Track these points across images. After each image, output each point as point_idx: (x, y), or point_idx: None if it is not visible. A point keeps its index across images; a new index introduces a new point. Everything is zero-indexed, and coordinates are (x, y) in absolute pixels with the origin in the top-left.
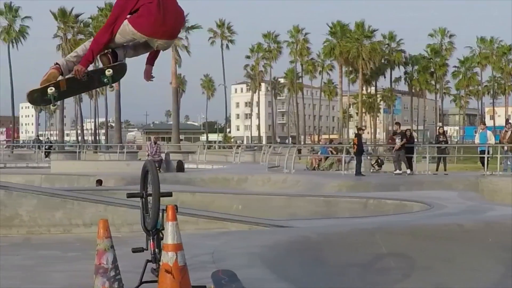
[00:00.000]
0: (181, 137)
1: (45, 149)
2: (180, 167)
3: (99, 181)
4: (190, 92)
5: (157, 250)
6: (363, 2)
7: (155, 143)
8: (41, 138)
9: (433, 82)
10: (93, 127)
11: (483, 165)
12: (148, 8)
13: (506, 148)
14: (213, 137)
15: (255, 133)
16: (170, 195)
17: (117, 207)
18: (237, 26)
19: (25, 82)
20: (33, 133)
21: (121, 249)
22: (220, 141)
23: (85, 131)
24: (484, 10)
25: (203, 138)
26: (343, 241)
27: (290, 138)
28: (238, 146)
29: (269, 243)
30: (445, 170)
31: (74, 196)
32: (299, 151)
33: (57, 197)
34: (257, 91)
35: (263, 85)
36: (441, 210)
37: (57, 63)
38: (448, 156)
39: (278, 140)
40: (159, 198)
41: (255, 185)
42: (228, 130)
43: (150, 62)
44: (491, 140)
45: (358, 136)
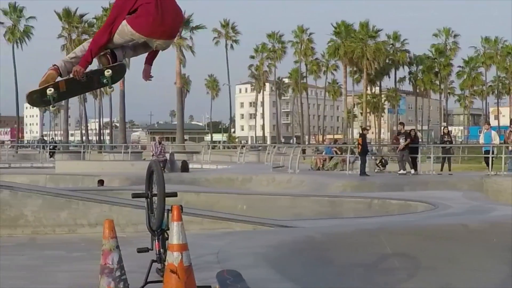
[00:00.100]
0: (185, 137)
1: (50, 149)
2: (185, 167)
3: (100, 181)
4: (195, 92)
5: (162, 250)
6: (367, 2)
7: (159, 143)
8: (45, 138)
9: (437, 82)
10: (97, 127)
11: (487, 165)
12: (146, 8)
13: (510, 148)
14: (217, 137)
15: (259, 133)
16: (175, 195)
17: (122, 207)
18: (241, 26)
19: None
20: (37, 133)
21: (126, 249)
22: (224, 141)
23: (89, 131)
24: (488, 10)
25: (207, 138)
26: (347, 241)
27: (295, 138)
28: (243, 146)
29: (273, 243)
30: (449, 170)
31: (79, 196)
32: (304, 151)
33: (62, 197)
34: (261, 91)
35: (267, 85)
36: (446, 210)
37: (55, 65)
38: (453, 156)
39: (283, 140)
40: (164, 198)
41: (259, 185)
42: (232, 130)
43: (149, 62)
44: (496, 140)
45: (362, 136)
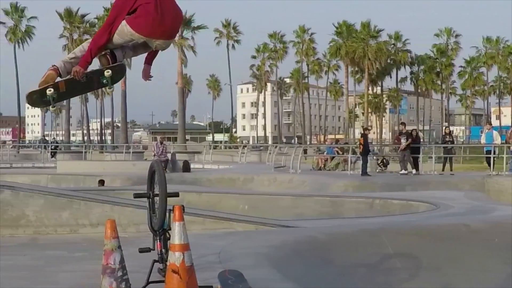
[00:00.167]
0: (187, 137)
1: (51, 149)
2: (186, 167)
3: (101, 181)
4: (196, 92)
5: (164, 250)
6: (369, 2)
7: (161, 143)
8: (47, 138)
9: (439, 82)
10: (99, 127)
11: (489, 165)
12: (146, 8)
13: None
14: (219, 137)
15: (261, 133)
16: (177, 195)
17: (123, 207)
18: (243, 26)
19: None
20: (39, 133)
21: (127, 249)
22: (226, 141)
23: (91, 131)
24: (490, 10)
25: (209, 138)
26: (349, 241)
27: (296, 138)
28: (244, 146)
29: (275, 243)
30: (451, 170)
31: (80, 196)
32: (305, 151)
33: (64, 197)
34: (263, 91)
35: (269, 85)
36: (447, 210)
37: (54, 65)
38: (454, 156)
39: (284, 140)
40: (166, 199)
41: (261, 185)
42: (234, 130)
43: (149, 61)
44: (497, 140)
45: (364, 136)
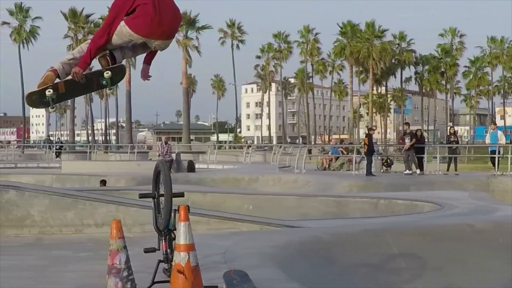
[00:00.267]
0: (191, 137)
1: (56, 149)
2: (191, 167)
3: (103, 181)
4: (201, 92)
5: (169, 251)
6: (373, 2)
7: (166, 143)
8: (51, 138)
9: (443, 82)
10: (103, 127)
11: (493, 165)
12: (144, 9)
13: None
14: (223, 137)
15: (265, 133)
16: (182, 195)
17: (128, 207)
18: (247, 26)
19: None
20: (43, 133)
21: (132, 249)
22: (230, 141)
23: (95, 131)
24: (494, 10)
25: (213, 138)
26: (354, 241)
27: (301, 138)
28: (249, 146)
29: (280, 243)
30: (455, 170)
31: (85, 197)
32: (310, 151)
33: (69, 197)
34: (267, 91)
35: (273, 85)
36: (452, 210)
37: (53, 67)
38: (459, 156)
39: (289, 140)
40: (172, 199)
41: (265, 185)
42: (238, 130)
43: (148, 61)
44: (502, 140)
45: (368, 136)
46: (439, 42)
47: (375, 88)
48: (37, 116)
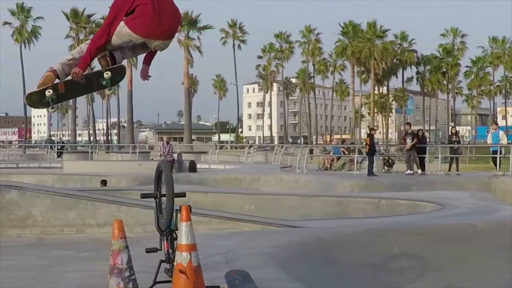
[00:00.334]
0: (193, 137)
1: (58, 149)
2: (193, 167)
3: (103, 182)
4: (202, 92)
5: (170, 251)
6: (375, 2)
7: (167, 143)
8: (53, 138)
9: (445, 82)
10: (105, 127)
11: (495, 165)
12: (144, 9)
13: None
14: (225, 137)
15: (267, 133)
16: (184, 195)
17: (130, 207)
18: (249, 26)
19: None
20: (45, 133)
21: (134, 249)
22: (232, 141)
23: (97, 131)
24: (496, 10)
25: (215, 138)
26: (355, 242)
27: (302, 138)
28: (250, 146)
29: (281, 243)
30: (457, 170)
31: (87, 197)
32: (311, 151)
33: (70, 197)
34: (269, 91)
35: (275, 85)
36: (454, 210)
37: (52, 67)
38: (461, 156)
39: (290, 140)
40: (173, 199)
41: (267, 185)
42: (240, 130)
43: (147, 61)
44: (504, 140)
45: (370, 136)
46: (440, 42)
47: (376, 88)
48: (39, 116)
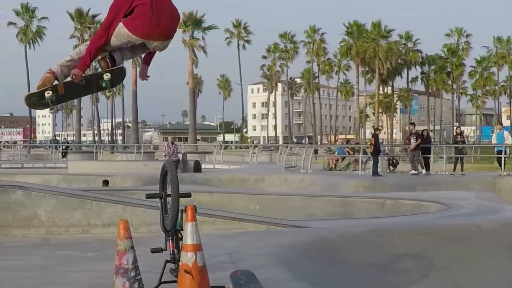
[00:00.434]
0: (197, 137)
1: (62, 149)
2: (197, 167)
3: (105, 182)
4: (207, 93)
5: (176, 251)
6: (379, 2)
7: (172, 143)
8: (58, 138)
9: (449, 82)
10: (110, 128)
11: (500, 165)
12: (142, 10)
13: None
14: (229, 137)
15: (271, 133)
16: (189, 195)
17: (135, 208)
18: (253, 26)
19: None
20: (50, 133)
21: (139, 249)
22: (236, 141)
23: (102, 132)
24: (500, 10)
25: (219, 138)
26: (360, 242)
27: (307, 138)
28: (255, 146)
29: (287, 243)
30: (462, 170)
31: (92, 197)
32: (316, 151)
33: (76, 198)
34: (273, 91)
35: (279, 85)
36: (458, 210)
37: (51, 69)
38: (465, 156)
39: (295, 140)
40: (179, 199)
41: (272, 185)
42: (244, 130)
43: (146, 62)
44: (508, 140)
45: (375, 136)
46: (445, 42)
47: (381, 88)
48: (43, 116)
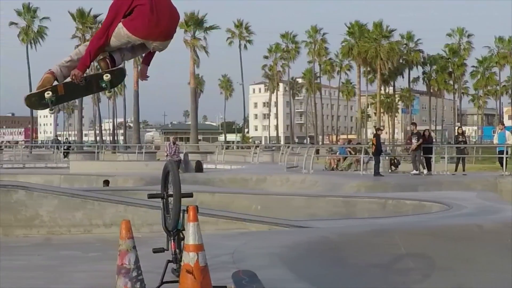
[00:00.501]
0: (199, 137)
1: (64, 149)
2: (199, 168)
3: (106, 182)
4: (208, 93)
5: (178, 251)
6: (381, 2)
7: (174, 143)
8: (59, 139)
9: (451, 82)
10: (111, 128)
11: (501, 165)
12: (141, 10)
13: None
14: (231, 137)
15: (273, 133)
16: (191, 195)
17: (137, 208)
18: (255, 26)
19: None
20: (51, 133)
21: (141, 249)
22: (238, 141)
23: (103, 132)
24: (502, 10)
25: (221, 138)
26: (362, 242)
27: (308, 138)
28: (257, 146)
29: (288, 243)
30: (463, 170)
31: (94, 197)
32: (317, 151)
33: (78, 198)
34: (275, 91)
35: (281, 85)
36: (460, 210)
37: (50, 70)
38: (467, 156)
39: (296, 140)
40: (181, 199)
41: (273, 186)
42: (246, 130)
43: (146, 62)
44: (510, 140)
45: (376, 136)
46: (446, 42)
47: (382, 88)
48: (45, 117)
